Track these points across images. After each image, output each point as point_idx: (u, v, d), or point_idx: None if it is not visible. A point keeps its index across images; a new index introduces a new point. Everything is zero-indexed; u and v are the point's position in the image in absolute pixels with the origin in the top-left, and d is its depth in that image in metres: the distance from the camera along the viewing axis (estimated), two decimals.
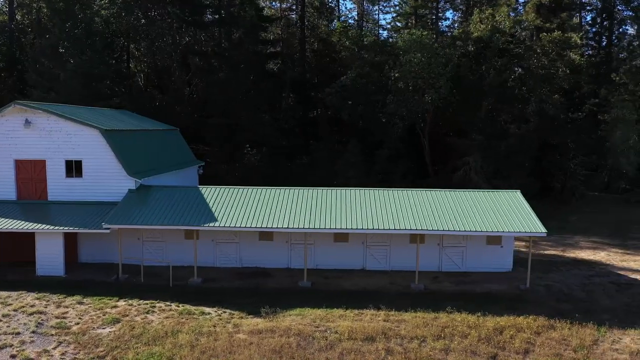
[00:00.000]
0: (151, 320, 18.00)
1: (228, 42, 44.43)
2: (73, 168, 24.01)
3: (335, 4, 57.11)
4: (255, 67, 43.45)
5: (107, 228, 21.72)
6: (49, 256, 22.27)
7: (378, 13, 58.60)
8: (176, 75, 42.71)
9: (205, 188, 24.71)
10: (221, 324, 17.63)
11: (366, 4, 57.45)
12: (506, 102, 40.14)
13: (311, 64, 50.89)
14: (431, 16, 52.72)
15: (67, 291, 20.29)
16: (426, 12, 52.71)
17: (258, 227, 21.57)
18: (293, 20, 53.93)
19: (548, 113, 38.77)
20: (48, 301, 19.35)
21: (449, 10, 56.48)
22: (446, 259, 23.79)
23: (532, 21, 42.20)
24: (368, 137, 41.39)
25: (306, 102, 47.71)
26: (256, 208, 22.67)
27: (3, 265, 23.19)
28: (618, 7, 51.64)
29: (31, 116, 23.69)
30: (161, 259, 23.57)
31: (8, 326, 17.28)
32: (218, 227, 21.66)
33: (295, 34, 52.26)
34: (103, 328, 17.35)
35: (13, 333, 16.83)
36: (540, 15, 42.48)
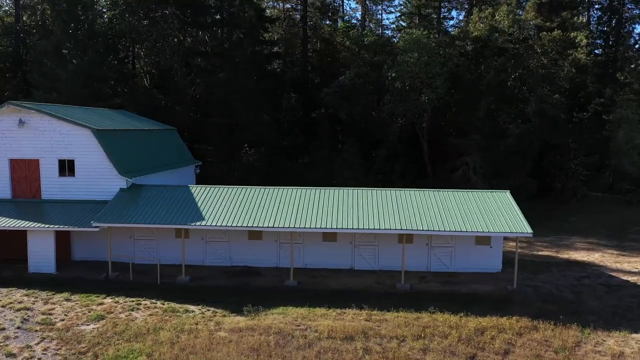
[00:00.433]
0: (135, 317, 18.20)
1: (229, 43, 44.66)
2: (66, 167, 24.33)
3: (339, 4, 57.18)
4: (256, 67, 43.63)
5: (97, 226, 22.01)
6: (41, 254, 22.62)
7: (381, 13, 58.60)
8: (178, 75, 43.02)
9: (196, 187, 24.86)
10: (203, 322, 17.77)
11: (370, 4, 57.40)
12: (505, 102, 39.87)
13: (313, 64, 50.95)
14: (435, 16, 52.51)
15: (57, 288, 20.62)
16: (430, 12, 52.55)
17: (246, 227, 21.66)
18: (296, 20, 54.04)
19: (548, 113, 38.41)
20: (36, 298, 19.66)
21: (454, 9, 56.30)
22: (435, 259, 23.71)
23: (532, 19, 41.80)
24: (367, 137, 41.35)
25: (307, 102, 47.77)
26: (246, 207, 22.76)
27: None
28: (627, 6, 50.97)
29: (25, 116, 24.05)
30: (152, 257, 23.80)
31: None
32: (207, 226, 21.80)
33: (297, 34, 52.38)
34: (87, 325, 17.58)
35: None
36: (540, 14, 42.10)
